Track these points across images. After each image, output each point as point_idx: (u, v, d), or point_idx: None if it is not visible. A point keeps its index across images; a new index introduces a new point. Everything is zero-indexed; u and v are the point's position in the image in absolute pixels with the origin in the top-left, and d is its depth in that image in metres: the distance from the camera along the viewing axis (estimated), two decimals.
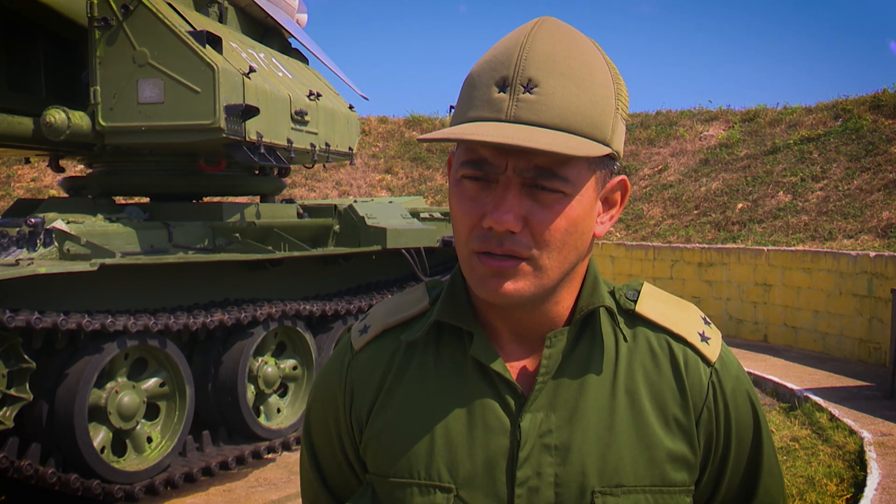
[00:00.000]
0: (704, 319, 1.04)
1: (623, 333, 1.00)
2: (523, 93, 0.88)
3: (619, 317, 1.01)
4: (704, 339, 1.01)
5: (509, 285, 0.91)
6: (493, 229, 0.90)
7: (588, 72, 0.90)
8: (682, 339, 1.00)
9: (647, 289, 1.04)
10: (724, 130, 14.68)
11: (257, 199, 6.80)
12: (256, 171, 6.49)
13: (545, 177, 0.89)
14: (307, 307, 5.75)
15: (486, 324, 1.01)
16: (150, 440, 4.87)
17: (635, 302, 1.02)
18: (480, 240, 0.91)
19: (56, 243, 4.46)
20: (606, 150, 0.90)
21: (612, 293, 1.03)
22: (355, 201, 6.75)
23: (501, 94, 0.89)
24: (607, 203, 0.98)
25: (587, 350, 0.99)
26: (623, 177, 0.99)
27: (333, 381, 1.07)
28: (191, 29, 5.08)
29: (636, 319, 1.02)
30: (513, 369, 0.98)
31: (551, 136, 0.87)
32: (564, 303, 0.99)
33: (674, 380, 0.98)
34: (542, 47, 0.89)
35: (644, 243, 11.83)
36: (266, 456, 5.56)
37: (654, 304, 1.03)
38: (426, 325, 1.02)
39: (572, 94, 0.88)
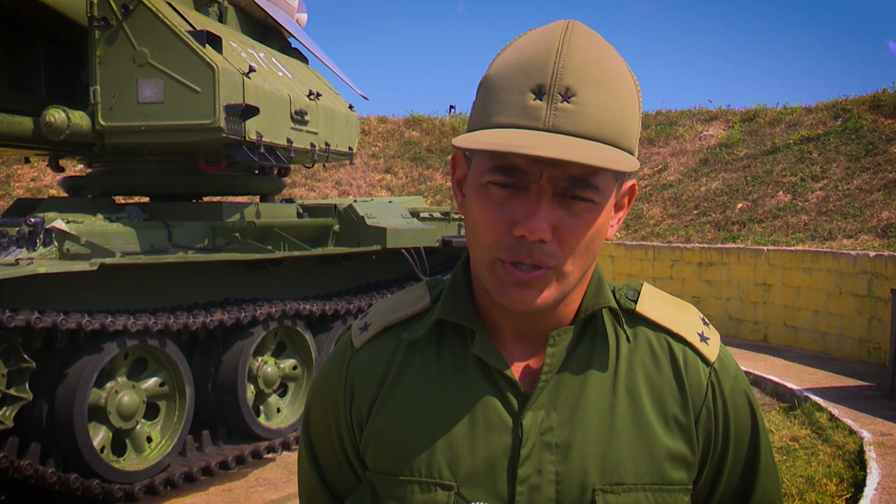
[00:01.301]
0: (703, 320, 1.05)
1: (626, 333, 1.00)
2: (561, 102, 0.87)
3: (621, 316, 1.01)
4: (703, 339, 1.02)
5: (535, 295, 0.92)
6: (524, 238, 0.89)
7: (619, 81, 0.90)
8: (681, 338, 1.01)
9: (647, 289, 1.05)
10: (723, 130, 14.68)
11: (257, 198, 6.80)
12: (256, 171, 6.49)
13: (579, 186, 0.89)
14: (307, 307, 5.75)
15: (488, 322, 1.01)
16: (149, 440, 4.87)
17: (635, 302, 1.03)
18: (509, 249, 0.90)
19: (56, 243, 4.46)
20: (638, 164, 0.90)
21: (613, 293, 1.04)
22: (355, 201, 6.75)
23: (538, 101, 0.87)
24: (616, 207, 0.99)
25: (589, 349, 0.99)
26: (633, 182, 1.00)
27: (333, 378, 1.07)
28: (191, 29, 5.08)
29: (636, 319, 1.02)
30: (515, 367, 0.99)
31: (595, 148, 0.86)
32: (574, 304, 1.00)
33: (673, 379, 0.99)
34: (578, 55, 0.89)
35: (644, 243, 11.83)
36: (266, 456, 5.56)
37: (654, 303, 1.03)
38: (428, 323, 1.02)
39: (606, 104, 0.88)
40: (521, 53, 0.91)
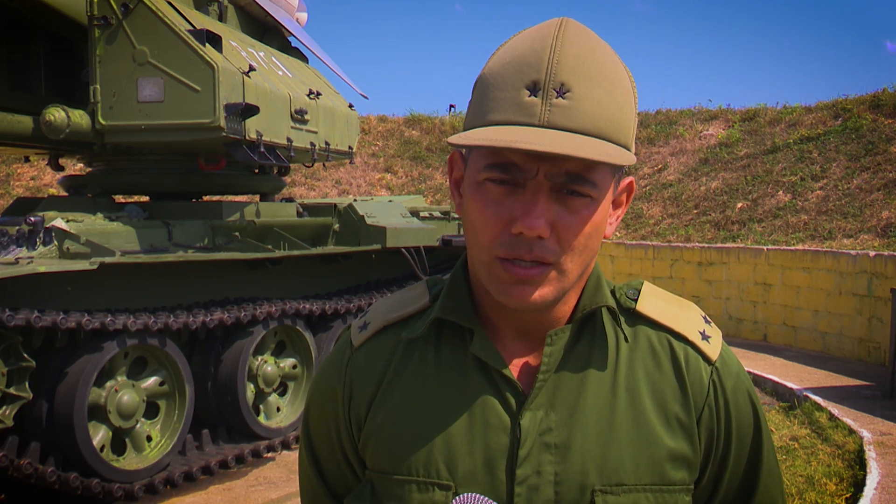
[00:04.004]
0: (705, 318, 1.04)
1: (624, 333, 1.00)
2: (556, 97, 0.87)
3: (620, 316, 1.00)
4: (705, 337, 1.01)
5: (535, 292, 0.91)
6: (522, 235, 0.89)
7: (614, 76, 0.90)
8: (682, 337, 1.00)
9: (648, 288, 1.04)
10: (723, 130, 14.68)
11: (257, 197, 6.80)
12: (256, 170, 6.49)
13: (576, 182, 0.89)
14: (307, 306, 5.75)
15: (487, 321, 1.01)
16: (149, 439, 4.87)
17: (636, 301, 1.02)
18: (508, 246, 0.90)
19: (56, 242, 4.46)
20: (634, 158, 0.91)
21: (613, 292, 1.03)
22: (355, 200, 6.75)
23: (533, 97, 0.87)
24: (615, 204, 0.99)
25: (588, 348, 0.99)
26: (631, 178, 0.99)
27: (333, 377, 1.07)
28: (191, 28, 5.08)
29: (637, 318, 1.02)
30: (513, 367, 0.98)
31: (590, 143, 0.86)
32: (571, 302, 0.99)
33: (675, 378, 0.98)
34: (572, 51, 0.88)
35: (644, 242, 11.83)
36: (266, 455, 5.56)
37: (655, 302, 1.03)
38: (427, 322, 1.01)
39: (602, 99, 0.88)
40: (515, 51, 0.91)
